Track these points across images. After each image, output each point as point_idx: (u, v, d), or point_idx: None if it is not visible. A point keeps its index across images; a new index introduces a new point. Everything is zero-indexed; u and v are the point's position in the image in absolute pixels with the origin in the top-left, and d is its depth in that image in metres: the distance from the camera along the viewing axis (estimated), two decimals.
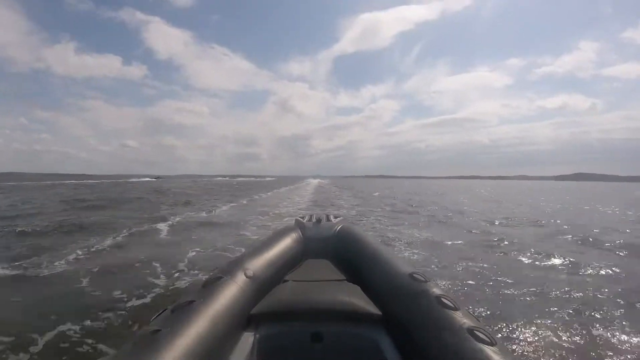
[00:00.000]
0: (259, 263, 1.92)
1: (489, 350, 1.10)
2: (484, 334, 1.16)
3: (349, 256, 2.37)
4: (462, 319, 1.28)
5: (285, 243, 2.42)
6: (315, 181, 61.55)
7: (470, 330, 1.19)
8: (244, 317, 1.52)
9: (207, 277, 1.68)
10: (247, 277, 1.71)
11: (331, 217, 3.04)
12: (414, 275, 1.64)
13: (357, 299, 1.64)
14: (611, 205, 17.38)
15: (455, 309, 1.34)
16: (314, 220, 2.91)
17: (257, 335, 1.47)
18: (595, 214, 13.49)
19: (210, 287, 1.53)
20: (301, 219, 2.98)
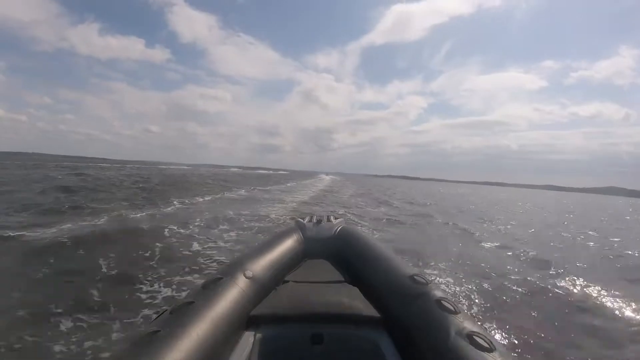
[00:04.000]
0: (258, 264, 1.96)
1: (488, 356, 1.12)
2: (483, 340, 1.19)
3: (349, 257, 2.41)
4: (462, 323, 1.31)
5: (286, 244, 2.45)
6: (328, 177, 58.21)
7: (470, 335, 1.22)
8: (244, 318, 1.55)
9: (207, 278, 1.73)
10: (247, 277, 1.75)
11: (331, 218, 3.09)
12: (415, 277, 1.68)
13: (357, 301, 1.70)
14: None
15: (456, 312, 1.38)
16: (314, 220, 2.95)
17: (257, 337, 1.49)
18: None
19: (210, 288, 1.57)
20: (301, 220, 3.02)
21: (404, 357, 1.40)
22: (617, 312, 3.88)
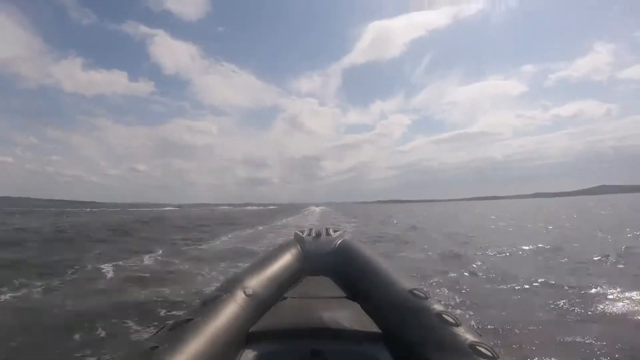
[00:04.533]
0: (258, 280, 1.98)
1: None
2: (486, 349, 1.19)
3: (348, 272, 2.42)
4: (464, 334, 1.30)
5: (285, 259, 2.49)
6: (318, 209, 56.63)
7: (472, 346, 1.21)
8: (243, 335, 1.56)
9: (205, 295, 1.83)
10: (246, 295, 1.77)
11: (330, 232, 3.10)
12: (414, 291, 1.68)
13: (357, 317, 1.70)
14: None
15: (457, 324, 1.36)
16: (313, 234, 2.98)
17: (257, 354, 1.49)
18: None
19: (209, 305, 1.59)
20: (300, 233, 3.07)
21: None
22: None
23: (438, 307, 1.52)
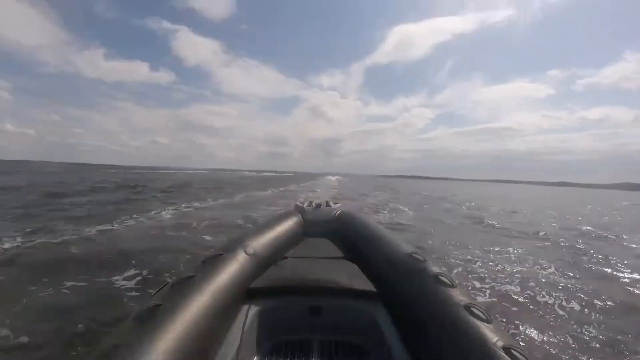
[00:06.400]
0: (259, 241, 2.01)
1: (484, 326, 1.14)
2: (480, 311, 1.21)
3: (348, 236, 2.48)
4: (459, 296, 1.33)
5: (286, 224, 2.54)
6: (334, 178, 55.06)
7: (467, 307, 1.24)
8: (243, 291, 1.59)
9: (207, 254, 1.77)
10: (247, 254, 1.79)
11: (330, 203, 3.19)
12: (413, 254, 1.70)
13: (355, 276, 1.76)
14: None
15: (453, 286, 1.40)
16: (313, 205, 3.07)
17: (256, 308, 1.52)
18: None
19: (210, 263, 1.61)
20: (300, 204, 3.12)
21: (399, 328, 1.43)
22: None
23: (435, 269, 1.54)
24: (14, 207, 8.22)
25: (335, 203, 3.20)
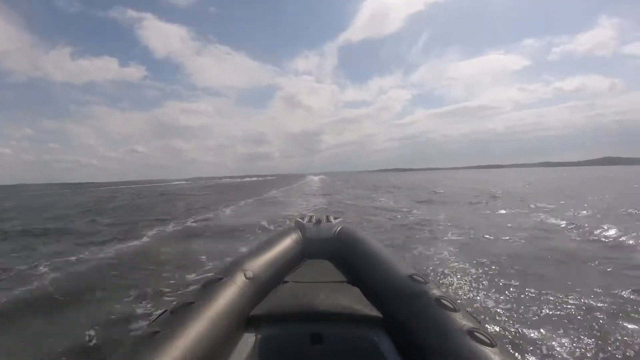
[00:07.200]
0: (258, 264, 2.00)
1: (488, 351, 1.13)
2: (484, 335, 1.20)
3: (349, 257, 2.43)
4: (462, 320, 1.32)
5: (285, 243, 2.51)
6: (317, 179, 57.37)
7: (470, 332, 1.23)
8: (243, 318, 1.59)
9: (206, 278, 1.75)
10: (246, 278, 1.79)
11: (331, 218, 3.14)
12: (414, 276, 1.70)
13: (356, 301, 1.71)
14: None
15: (455, 310, 1.39)
16: (313, 221, 3.00)
17: (257, 337, 1.52)
18: None
19: (209, 288, 1.61)
20: (301, 220, 3.10)
21: (403, 356, 1.40)
22: None
23: (437, 292, 1.53)
24: None
25: (336, 218, 3.18)
